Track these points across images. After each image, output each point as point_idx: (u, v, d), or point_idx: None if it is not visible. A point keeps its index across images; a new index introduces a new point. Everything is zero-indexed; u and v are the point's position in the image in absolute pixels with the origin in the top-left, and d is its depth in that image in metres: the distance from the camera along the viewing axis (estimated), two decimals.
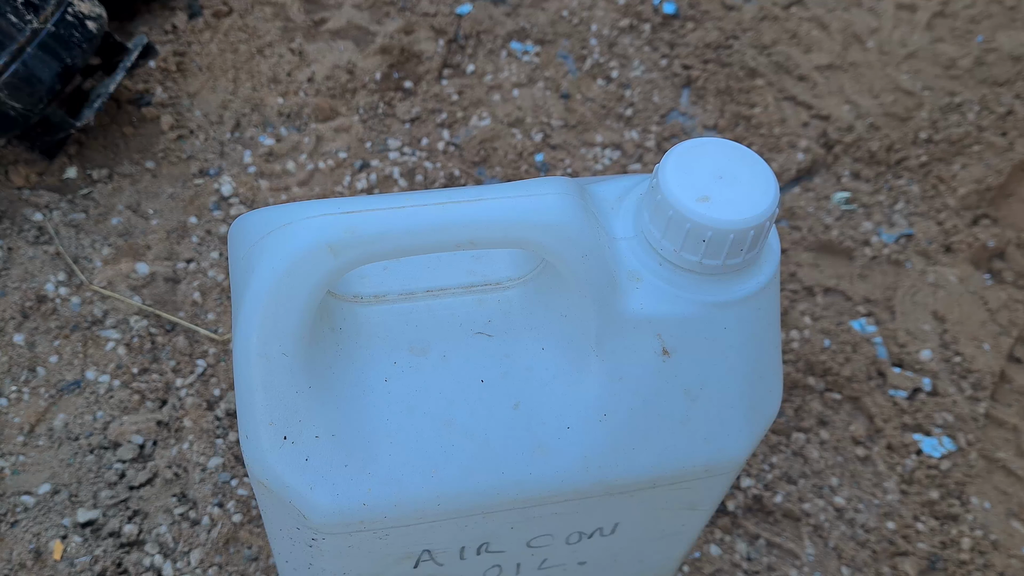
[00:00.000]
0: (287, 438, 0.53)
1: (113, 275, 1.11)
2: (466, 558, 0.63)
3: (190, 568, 0.92)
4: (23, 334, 1.06)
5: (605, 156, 1.29)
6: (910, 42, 1.45)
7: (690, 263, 0.53)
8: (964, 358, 1.13)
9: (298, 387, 0.52)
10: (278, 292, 0.50)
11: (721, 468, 0.60)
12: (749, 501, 1.01)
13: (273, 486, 0.53)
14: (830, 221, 1.25)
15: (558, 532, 0.63)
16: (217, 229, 1.17)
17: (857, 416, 1.08)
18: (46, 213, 1.16)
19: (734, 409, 0.59)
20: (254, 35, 1.37)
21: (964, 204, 1.27)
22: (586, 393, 0.56)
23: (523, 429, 0.56)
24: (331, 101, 1.31)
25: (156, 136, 1.26)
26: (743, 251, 0.53)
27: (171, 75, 1.32)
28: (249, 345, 0.51)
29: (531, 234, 0.51)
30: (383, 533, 0.56)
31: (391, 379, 0.55)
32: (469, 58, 1.38)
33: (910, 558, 0.98)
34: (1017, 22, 1.47)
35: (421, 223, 0.49)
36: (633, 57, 1.41)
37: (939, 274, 1.21)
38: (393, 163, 1.26)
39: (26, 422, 1.00)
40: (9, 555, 0.92)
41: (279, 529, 0.59)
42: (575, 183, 0.54)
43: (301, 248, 0.49)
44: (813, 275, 1.20)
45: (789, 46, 1.44)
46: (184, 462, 0.98)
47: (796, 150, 1.31)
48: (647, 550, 0.71)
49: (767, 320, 0.58)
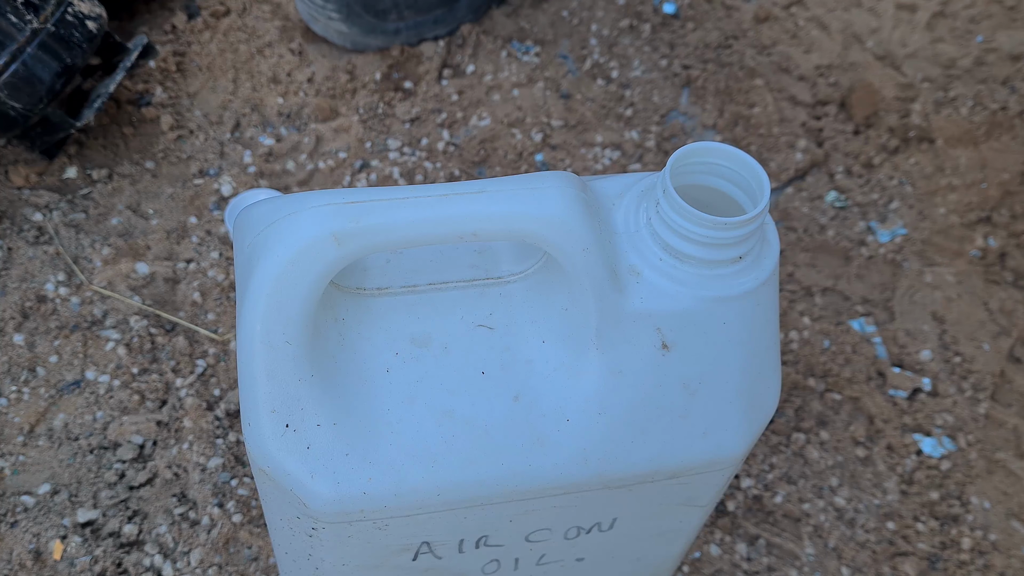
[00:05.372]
0: (289, 426, 0.53)
1: (113, 275, 1.11)
2: (464, 551, 0.63)
3: (190, 568, 0.92)
4: (23, 334, 1.06)
5: (605, 156, 1.29)
6: (910, 42, 1.46)
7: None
8: (964, 358, 1.13)
9: (301, 375, 0.52)
10: (282, 280, 0.50)
11: (719, 463, 0.60)
12: (749, 501, 1.01)
13: (274, 474, 0.54)
14: (825, 221, 1.25)
15: (556, 526, 0.63)
16: (217, 229, 1.17)
17: (857, 416, 1.08)
18: (46, 213, 1.16)
19: (733, 404, 0.59)
20: (254, 35, 1.37)
21: (962, 204, 1.27)
22: (586, 386, 0.56)
23: (523, 421, 0.56)
24: (331, 101, 1.31)
25: (156, 136, 1.26)
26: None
27: (171, 75, 1.32)
28: (253, 333, 0.51)
29: (532, 226, 0.51)
30: (383, 523, 0.56)
31: (392, 369, 0.55)
32: (469, 58, 1.38)
33: (910, 558, 0.98)
34: (1017, 22, 1.47)
35: (424, 214, 0.50)
36: (633, 57, 1.41)
37: (937, 274, 1.21)
38: (393, 163, 1.26)
39: (26, 422, 1.00)
40: (9, 555, 0.91)
41: (279, 519, 0.59)
42: (577, 177, 0.54)
43: (306, 237, 0.50)
44: (811, 275, 1.20)
45: (789, 46, 1.44)
46: (184, 462, 0.98)
47: (795, 150, 1.31)
48: (645, 547, 0.71)
49: (766, 316, 0.59)
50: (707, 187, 0.57)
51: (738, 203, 0.57)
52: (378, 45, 1.35)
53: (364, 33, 1.33)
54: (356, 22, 1.32)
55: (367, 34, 1.34)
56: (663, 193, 0.54)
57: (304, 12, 1.36)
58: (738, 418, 0.59)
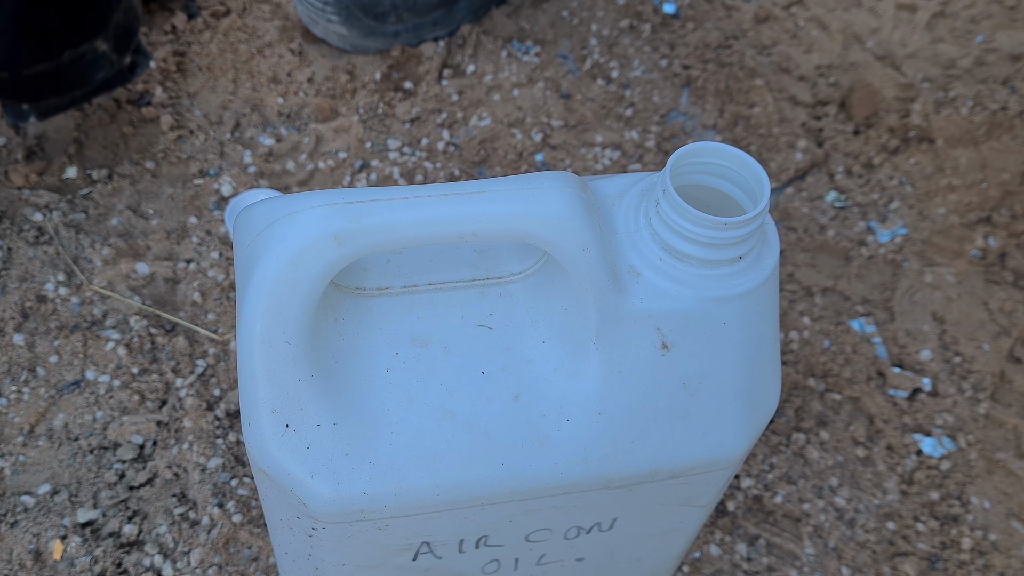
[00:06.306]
0: (289, 426, 0.53)
1: (113, 275, 1.11)
2: (465, 551, 0.63)
3: (190, 568, 0.92)
4: (23, 334, 1.06)
5: (605, 156, 1.29)
6: (910, 42, 1.46)
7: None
8: (964, 358, 1.13)
9: (300, 375, 0.52)
10: (282, 280, 0.50)
11: (719, 463, 0.61)
12: (749, 501, 1.01)
13: (274, 474, 0.54)
14: (825, 221, 1.25)
15: (556, 526, 0.63)
16: (217, 229, 1.17)
17: (857, 416, 1.08)
18: (46, 213, 1.16)
19: (733, 404, 0.59)
20: (254, 35, 1.37)
21: (962, 204, 1.28)
22: (586, 386, 0.56)
23: (523, 421, 0.56)
24: (331, 101, 1.31)
25: (156, 136, 1.26)
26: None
27: (171, 75, 1.32)
28: (253, 332, 0.51)
29: (532, 227, 0.51)
30: (383, 523, 0.57)
31: (392, 369, 0.55)
32: (469, 58, 1.38)
33: (910, 558, 0.98)
34: (1017, 22, 1.47)
35: (424, 214, 0.50)
36: (633, 57, 1.41)
37: (937, 274, 1.21)
38: (393, 163, 1.26)
39: (26, 422, 1.00)
40: (9, 555, 0.91)
41: (279, 519, 0.59)
42: (577, 177, 0.55)
43: (306, 237, 0.50)
44: (811, 275, 1.20)
45: (789, 46, 1.44)
46: (184, 462, 0.98)
47: (795, 150, 1.31)
48: (645, 547, 0.71)
49: (766, 316, 0.59)
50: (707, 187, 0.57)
51: (738, 203, 0.57)
52: (377, 48, 1.36)
53: (363, 36, 1.34)
54: (355, 25, 1.32)
55: (366, 37, 1.34)
56: (663, 193, 0.54)
57: (303, 14, 1.36)
58: (738, 418, 0.59)
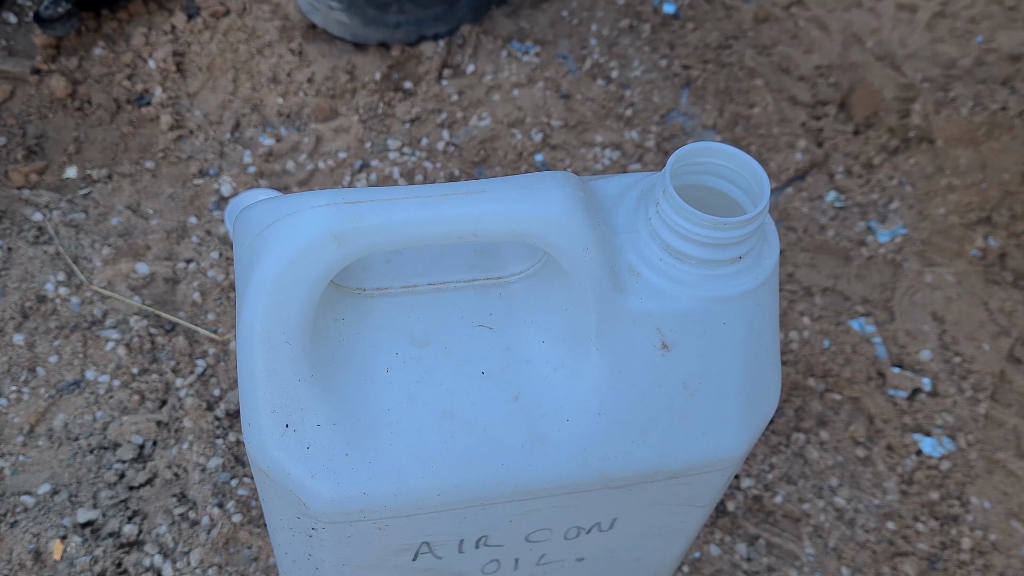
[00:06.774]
0: (289, 426, 0.53)
1: (113, 275, 1.11)
2: (464, 551, 0.63)
3: (190, 568, 0.92)
4: (23, 334, 1.06)
5: (605, 156, 1.29)
6: (910, 42, 1.46)
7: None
8: (964, 359, 1.13)
9: (300, 375, 0.52)
10: (282, 280, 0.50)
11: (719, 463, 0.60)
12: (749, 501, 1.01)
13: (274, 474, 0.54)
14: (825, 221, 1.25)
15: (556, 526, 0.63)
16: (217, 229, 1.17)
17: (857, 416, 1.08)
18: (46, 213, 1.16)
19: (732, 404, 0.59)
20: (253, 35, 1.37)
21: (962, 204, 1.28)
22: (586, 386, 0.56)
23: (523, 421, 0.56)
24: (331, 101, 1.31)
25: (156, 136, 1.26)
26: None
27: (171, 75, 1.32)
28: (253, 333, 0.51)
29: (532, 226, 0.51)
30: (383, 523, 0.56)
31: (392, 370, 0.55)
32: (469, 58, 1.38)
33: (910, 558, 0.98)
34: (1017, 22, 1.47)
35: (424, 214, 0.50)
36: (633, 57, 1.41)
37: (937, 274, 1.21)
38: (393, 163, 1.26)
39: (26, 422, 1.00)
40: (9, 555, 0.91)
41: (279, 519, 0.59)
42: (577, 177, 0.54)
43: (306, 237, 0.50)
44: (811, 275, 1.20)
45: (789, 46, 1.44)
46: (184, 462, 0.98)
47: (795, 150, 1.31)
48: (645, 547, 0.71)
49: (766, 316, 0.58)
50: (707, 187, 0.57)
51: (738, 203, 0.57)
52: (378, 38, 1.36)
53: (364, 24, 1.34)
54: (357, 12, 1.32)
55: (367, 25, 1.34)
56: (663, 193, 0.53)
57: (304, 2, 1.36)
58: (738, 418, 0.59)
